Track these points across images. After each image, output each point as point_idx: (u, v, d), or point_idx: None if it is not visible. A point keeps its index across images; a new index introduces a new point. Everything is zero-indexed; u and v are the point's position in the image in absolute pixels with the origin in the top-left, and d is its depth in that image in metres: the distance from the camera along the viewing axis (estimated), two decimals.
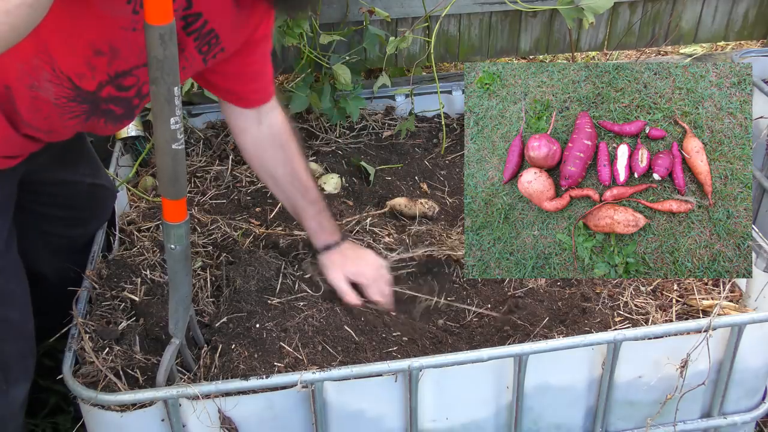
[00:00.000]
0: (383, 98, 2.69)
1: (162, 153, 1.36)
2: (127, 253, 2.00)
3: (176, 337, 1.57)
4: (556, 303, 1.87)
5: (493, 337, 1.82)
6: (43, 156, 1.65)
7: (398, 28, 2.73)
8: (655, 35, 2.94)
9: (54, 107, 1.48)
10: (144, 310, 1.80)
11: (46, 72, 1.42)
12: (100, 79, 1.47)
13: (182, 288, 1.53)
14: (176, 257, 1.47)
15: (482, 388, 1.65)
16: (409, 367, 1.55)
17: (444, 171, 2.48)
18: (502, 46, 2.87)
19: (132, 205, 2.26)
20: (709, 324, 1.63)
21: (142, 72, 1.51)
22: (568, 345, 1.62)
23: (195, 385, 1.53)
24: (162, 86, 1.29)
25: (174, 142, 1.35)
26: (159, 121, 1.32)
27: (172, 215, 1.44)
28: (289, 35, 2.33)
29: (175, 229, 1.44)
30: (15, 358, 1.66)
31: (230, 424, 1.57)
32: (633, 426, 1.78)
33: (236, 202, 2.30)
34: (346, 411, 1.61)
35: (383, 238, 2.11)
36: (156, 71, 1.27)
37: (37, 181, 1.73)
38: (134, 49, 1.44)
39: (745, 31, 3.01)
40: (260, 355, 1.70)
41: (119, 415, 1.53)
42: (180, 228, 1.45)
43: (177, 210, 1.44)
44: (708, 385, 1.74)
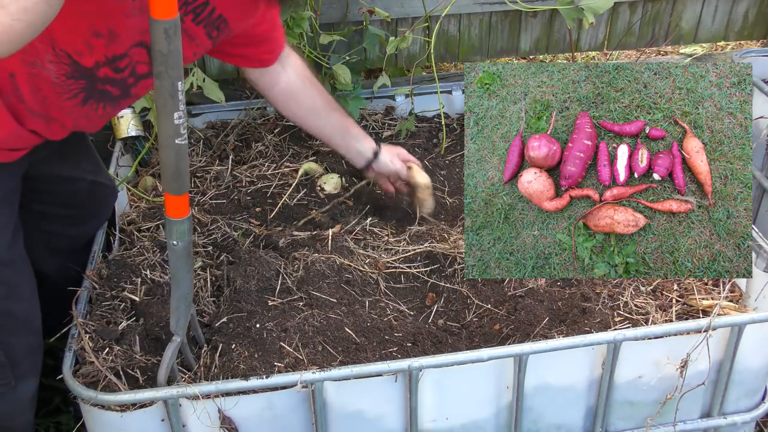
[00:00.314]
0: (383, 98, 2.69)
1: (165, 148, 1.36)
2: (127, 253, 2.00)
3: (177, 335, 1.57)
4: (556, 303, 1.87)
5: (493, 337, 1.82)
6: (45, 150, 1.65)
7: (398, 28, 2.72)
8: (655, 35, 2.94)
9: (53, 86, 1.49)
10: (144, 310, 1.80)
11: (48, 54, 1.43)
12: (97, 58, 1.49)
13: (184, 285, 1.52)
14: (178, 253, 1.47)
15: (482, 388, 1.65)
16: (409, 367, 1.55)
17: (444, 171, 2.48)
18: (502, 46, 2.87)
19: (132, 205, 2.26)
20: (709, 324, 1.63)
21: (134, 52, 1.52)
22: (568, 345, 1.62)
23: (195, 385, 1.53)
24: (166, 80, 1.28)
25: (177, 137, 1.35)
26: (162, 116, 1.32)
27: (175, 211, 1.44)
28: (289, 35, 2.33)
29: (178, 224, 1.44)
30: (23, 353, 1.66)
31: (230, 424, 1.57)
32: (633, 426, 1.78)
33: (236, 202, 2.30)
34: (346, 411, 1.61)
35: (383, 237, 2.11)
36: (160, 66, 1.27)
37: (38, 176, 1.73)
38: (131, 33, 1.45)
39: (745, 31, 3.01)
40: (260, 355, 1.70)
41: (119, 415, 1.53)
42: (183, 224, 1.45)
43: (180, 205, 1.43)
44: (708, 385, 1.74)
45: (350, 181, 2.38)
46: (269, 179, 2.38)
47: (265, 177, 2.39)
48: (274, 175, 2.40)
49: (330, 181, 2.35)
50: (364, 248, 2.06)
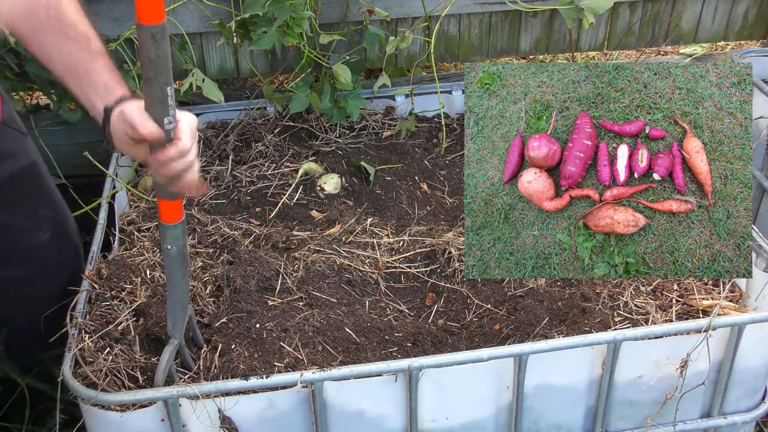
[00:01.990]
0: (383, 98, 2.70)
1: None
2: (126, 253, 2.00)
3: (174, 338, 1.57)
4: (556, 303, 1.87)
5: (493, 337, 1.82)
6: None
7: (398, 28, 2.72)
8: (655, 35, 2.94)
9: None
10: (144, 310, 1.80)
11: None
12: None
13: (179, 288, 1.52)
14: (173, 257, 1.47)
15: (482, 388, 1.65)
16: (409, 367, 1.55)
17: (444, 171, 2.48)
18: (502, 46, 2.87)
19: (132, 205, 2.26)
20: (709, 324, 1.63)
21: None
22: (568, 345, 1.62)
23: (195, 385, 1.53)
24: (155, 86, 1.28)
25: (168, 142, 1.34)
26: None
27: (168, 215, 1.44)
28: (289, 35, 2.33)
29: (171, 229, 1.44)
30: None
31: (230, 424, 1.57)
32: (633, 426, 1.78)
33: (236, 202, 2.31)
34: (346, 411, 1.61)
35: (383, 237, 2.11)
36: (149, 71, 1.26)
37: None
38: None
39: (745, 31, 3.01)
40: (260, 355, 1.70)
41: (119, 415, 1.53)
42: (176, 228, 1.45)
43: (173, 210, 1.44)
44: (708, 385, 1.74)
45: (350, 182, 2.38)
46: (269, 179, 2.38)
47: (265, 177, 2.39)
48: (274, 175, 2.40)
49: (330, 181, 2.35)
50: (364, 248, 2.07)
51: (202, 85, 2.45)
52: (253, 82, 2.97)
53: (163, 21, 1.22)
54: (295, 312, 1.82)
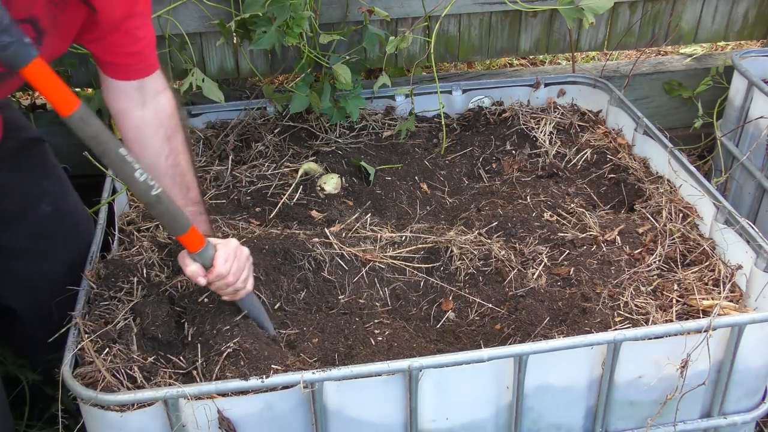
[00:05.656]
0: (383, 98, 2.69)
1: (147, 205, 1.49)
2: (126, 252, 1.99)
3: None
4: (556, 303, 1.87)
5: (494, 337, 1.82)
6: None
7: (398, 28, 2.72)
8: (655, 35, 2.94)
9: None
10: (143, 310, 1.80)
11: None
12: None
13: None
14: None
15: (482, 388, 1.65)
16: (409, 367, 1.55)
17: (444, 171, 2.48)
18: (502, 46, 2.87)
19: (132, 205, 2.26)
20: (709, 324, 1.63)
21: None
22: (568, 345, 1.62)
23: (195, 385, 1.53)
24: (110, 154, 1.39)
25: (150, 189, 1.45)
26: (128, 182, 1.45)
27: (192, 245, 1.59)
28: (289, 35, 2.33)
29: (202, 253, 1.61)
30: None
31: (229, 425, 1.57)
32: (633, 426, 1.78)
33: (236, 202, 2.30)
34: (346, 411, 1.60)
35: (383, 236, 2.11)
36: (97, 147, 1.38)
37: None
38: None
39: (745, 31, 3.01)
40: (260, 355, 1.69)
41: (119, 415, 1.53)
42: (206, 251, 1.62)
43: (193, 240, 1.58)
44: (708, 385, 1.74)
45: (350, 182, 2.38)
46: (269, 179, 2.38)
47: (265, 177, 2.39)
48: (274, 175, 2.40)
49: (330, 181, 2.35)
50: (364, 247, 2.06)
51: (202, 85, 2.45)
52: (253, 82, 2.97)
53: (80, 102, 1.32)
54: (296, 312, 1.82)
